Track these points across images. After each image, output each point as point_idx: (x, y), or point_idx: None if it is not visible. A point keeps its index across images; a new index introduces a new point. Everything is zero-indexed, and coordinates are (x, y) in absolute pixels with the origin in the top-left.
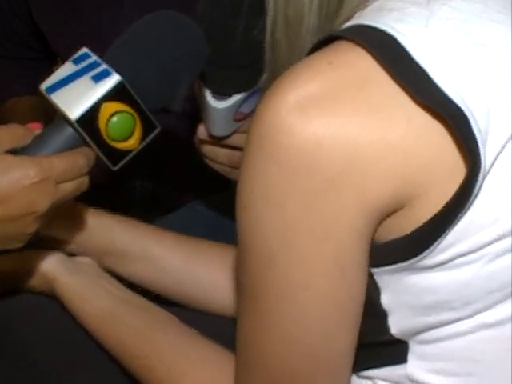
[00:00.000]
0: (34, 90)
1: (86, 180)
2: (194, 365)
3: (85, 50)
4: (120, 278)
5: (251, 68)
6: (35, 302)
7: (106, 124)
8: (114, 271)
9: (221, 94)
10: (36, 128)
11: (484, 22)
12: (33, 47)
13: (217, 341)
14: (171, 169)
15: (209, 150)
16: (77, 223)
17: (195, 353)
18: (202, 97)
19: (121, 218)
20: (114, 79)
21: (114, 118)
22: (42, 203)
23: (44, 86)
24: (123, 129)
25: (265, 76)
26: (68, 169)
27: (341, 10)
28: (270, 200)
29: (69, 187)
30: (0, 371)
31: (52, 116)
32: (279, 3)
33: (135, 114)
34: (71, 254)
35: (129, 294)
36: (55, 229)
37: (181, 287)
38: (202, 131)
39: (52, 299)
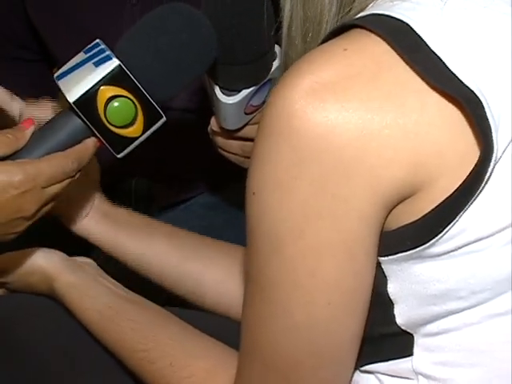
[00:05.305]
0: (32, 91)
1: (73, 180)
2: (196, 358)
3: (97, 40)
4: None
5: (258, 63)
6: (35, 302)
7: (105, 107)
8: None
9: (230, 90)
10: (28, 124)
11: (494, 13)
12: (31, 48)
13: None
14: (169, 167)
15: (222, 141)
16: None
17: (197, 346)
18: (212, 92)
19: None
20: (113, 63)
21: (114, 103)
22: (29, 208)
23: (56, 74)
24: (123, 114)
25: (275, 67)
26: (55, 174)
27: (353, 3)
28: (280, 184)
29: (56, 189)
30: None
31: None
32: (297, 4)
33: (136, 101)
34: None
35: (130, 293)
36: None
37: (182, 286)
38: (214, 123)
39: (52, 299)
